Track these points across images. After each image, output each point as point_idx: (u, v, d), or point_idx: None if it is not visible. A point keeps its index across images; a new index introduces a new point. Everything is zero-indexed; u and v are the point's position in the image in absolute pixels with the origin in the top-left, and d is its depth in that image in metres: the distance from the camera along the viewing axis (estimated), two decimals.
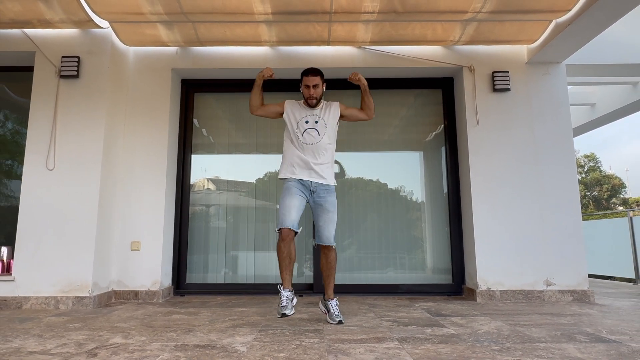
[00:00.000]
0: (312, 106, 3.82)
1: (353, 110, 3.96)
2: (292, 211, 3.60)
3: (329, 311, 3.59)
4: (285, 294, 3.62)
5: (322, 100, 3.91)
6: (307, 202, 3.78)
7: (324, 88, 3.89)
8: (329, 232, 3.70)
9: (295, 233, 3.64)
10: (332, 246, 3.72)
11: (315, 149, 3.75)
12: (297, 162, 3.74)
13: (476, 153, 5.12)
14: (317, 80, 3.76)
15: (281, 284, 3.68)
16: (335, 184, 3.84)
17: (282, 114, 3.92)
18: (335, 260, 3.74)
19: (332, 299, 3.64)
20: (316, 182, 3.71)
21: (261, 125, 5.74)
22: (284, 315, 3.54)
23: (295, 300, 3.79)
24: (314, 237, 3.84)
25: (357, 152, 5.72)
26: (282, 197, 3.71)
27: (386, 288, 5.33)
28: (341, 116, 3.91)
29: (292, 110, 3.87)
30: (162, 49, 5.38)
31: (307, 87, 3.76)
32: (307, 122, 3.77)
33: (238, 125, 5.79)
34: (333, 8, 4.49)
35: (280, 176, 3.85)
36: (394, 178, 5.69)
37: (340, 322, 3.45)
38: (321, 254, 3.79)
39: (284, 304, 3.58)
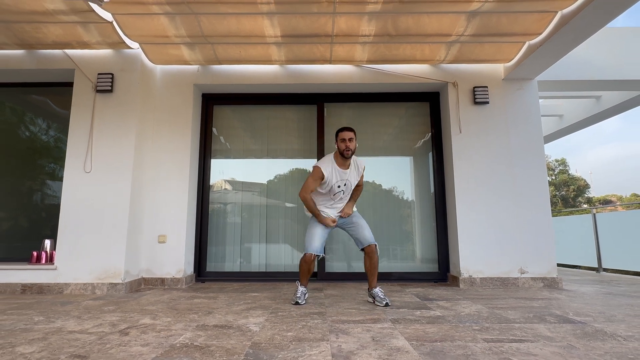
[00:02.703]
0: (348, 157, 3.78)
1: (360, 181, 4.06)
2: (316, 239, 3.72)
3: (375, 298, 3.67)
4: (301, 289, 3.75)
5: (353, 157, 3.91)
6: (336, 227, 3.93)
7: (356, 144, 3.85)
8: (368, 233, 3.81)
9: (318, 257, 3.77)
10: (375, 245, 3.77)
11: (341, 201, 3.91)
12: (325, 210, 3.86)
13: (459, 158, 5.12)
14: (351, 134, 3.77)
15: (299, 281, 3.81)
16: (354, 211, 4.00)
17: (322, 178, 3.79)
18: (378, 261, 3.79)
19: (376, 288, 3.72)
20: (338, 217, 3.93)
21: (272, 134, 5.75)
22: (297, 303, 3.63)
23: (307, 295, 3.86)
24: (358, 245, 3.87)
25: (355, 156, 5.71)
26: (310, 225, 3.85)
27: (380, 275, 5.30)
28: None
29: (330, 175, 3.77)
30: (185, 67, 5.40)
31: (344, 140, 3.74)
32: (339, 186, 3.81)
33: (251, 134, 5.80)
34: (334, 32, 4.51)
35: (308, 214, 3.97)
36: (388, 180, 5.69)
37: (387, 304, 3.56)
38: (365, 256, 3.80)
39: (298, 295, 3.70)
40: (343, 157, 3.80)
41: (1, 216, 5.22)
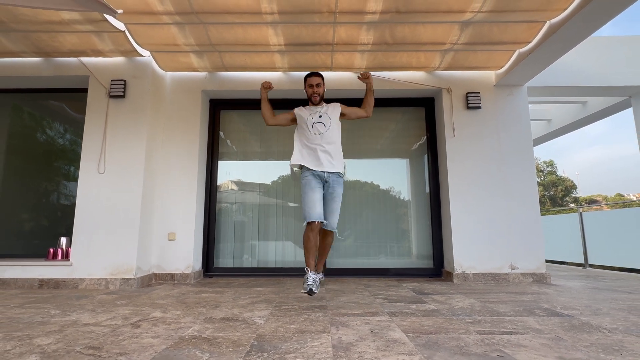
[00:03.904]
0: (316, 103, 3.54)
1: (353, 108, 3.64)
2: (317, 205, 3.26)
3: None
4: (312, 275, 3.19)
5: (323, 101, 3.65)
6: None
7: (324, 89, 3.63)
8: (333, 220, 3.40)
9: (322, 223, 3.30)
10: (333, 233, 3.46)
11: (324, 137, 3.42)
12: (306, 149, 3.45)
13: (453, 160, 5.12)
14: (318, 80, 3.52)
15: (307, 267, 3.24)
16: (344, 174, 3.55)
17: (293, 120, 3.62)
18: (330, 244, 3.48)
19: (320, 273, 3.43)
20: (328, 172, 3.40)
21: (275, 136, 5.75)
22: (310, 291, 3.09)
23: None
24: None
25: (354, 158, 5.72)
26: (304, 192, 3.34)
27: (379, 271, 5.33)
28: (342, 115, 3.60)
29: (301, 112, 3.57)
30: (193, 73, 5.41)
31: (311, 86, 3.52)
32: (313, 117, 3.46)
33: (256, 137, 5.80)
34: (335, 40, 4.51)
35: (291, 162, 3.51)
36: (385, 180, 5.69)
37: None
38: (321, 234, 3.42)
39: (309, 282, 3.13)
40: (312, 103, 3.58)
41: (20, 215, 5.23)
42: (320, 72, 3.59)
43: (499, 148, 5.12)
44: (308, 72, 3.59)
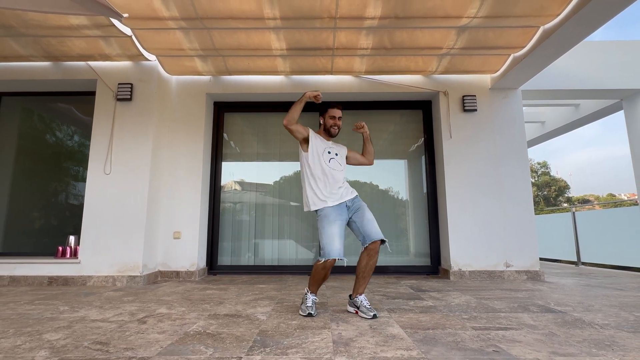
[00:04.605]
0: (334, 135, 3.26)
1: (355, 154, 3.38)
2: (337, 240, 2.92)
3: (359, 308, 2.90)
4: (312, 297, 2.97)
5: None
6: (347, 220, 3.11)
7: None
8: (375, 228, 3.03)
9: (342, 261, 2.96)
10: (384, 242, 3.03)
11: (339, 175, 3.11)
12: (325, 193, 3.06)
13: (450, 161, 5.12)
14: (341, 113, 3.27)
15: (307, 289, 3.03)
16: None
17: (304, 138, 3.17)
18: (374, 265, 3.05)
19: (361, 295, 2.97)
20: (349, 198, 3.10)
21: (277, 138, 5.75)
22: (309, 314, 2.84)
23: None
24: (362, 243, 3.08)
25: None
26: (321, 225, 2.99)
27: (377, 269, 5.28)
28: (346, 158, 3.32)
29: (316, 139, 3.19)
30: (198, 77, 5.41)
31: (333, 117, 3.23)
32: (329, 152, 3.17)
33: (259, 139, 5.80)
34: (335, 45, 4.51)
35: (313, 209, 3.07)
36: (384, 181, 5.69)
37: (374, 316, 2.78)
38: (365, 255, 3.03)
39: (309, 304, 2.90)
40: (328, 134, 3.27)
41: (30, 214, 5.23)
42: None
43: (495, 150, 5.12)
44: (331, 102, 3.33)
